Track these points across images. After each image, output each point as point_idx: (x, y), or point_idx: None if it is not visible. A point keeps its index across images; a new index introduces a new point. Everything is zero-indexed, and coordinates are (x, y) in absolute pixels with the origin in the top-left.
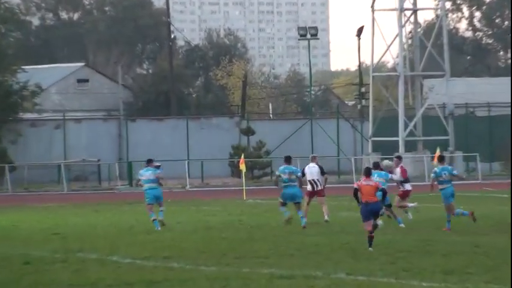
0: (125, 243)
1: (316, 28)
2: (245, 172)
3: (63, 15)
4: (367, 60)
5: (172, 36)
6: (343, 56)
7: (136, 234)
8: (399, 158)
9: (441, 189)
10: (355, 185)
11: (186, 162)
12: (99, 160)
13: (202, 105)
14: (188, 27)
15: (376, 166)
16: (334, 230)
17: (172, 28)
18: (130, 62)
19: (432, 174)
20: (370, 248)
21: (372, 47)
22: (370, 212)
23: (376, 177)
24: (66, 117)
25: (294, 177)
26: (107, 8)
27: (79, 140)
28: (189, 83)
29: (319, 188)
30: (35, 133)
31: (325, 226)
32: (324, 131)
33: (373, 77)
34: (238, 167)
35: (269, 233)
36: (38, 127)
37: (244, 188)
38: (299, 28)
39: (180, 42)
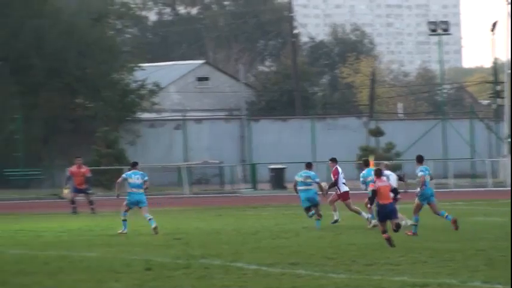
0: (249, 249)
1: (447, 23)
2: None
3: (181, 10)
4: (502, 57)
5: (295, 32)
6: (476, 53)
7: (260, 239)
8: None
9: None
10: (371, 187)
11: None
12: (221, 162)
13: (328, 105)
14: (312, 22)
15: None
16: (467, 236)
17: (295, 23)
18: (252, 59)
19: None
20: (391, 247)
21: (507, 42)
22: (389, 213)
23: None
24: (186, 117)
25: (309, 180)
26: (226, 3)
27: (200, 141)
28: (313, 81)
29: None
30: (154, 134)
31: (458, 233)
32: (456, 131)
33: (508, 74)
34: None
35: (400, 239)
36: (157, 127)
37: None
38: (429, 23)
39: (304, 39)
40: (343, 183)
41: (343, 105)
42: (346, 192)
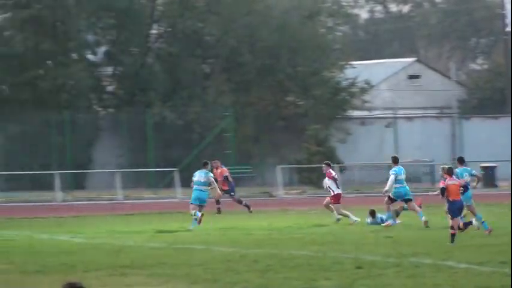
0: (459, 247)
1: None
2: None
3: (393, 8)
4: None
5: (507, 29)
6: None
7: (471, 238)
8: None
9: None
10: (441, 185)
11: None
12: (432, 160)
13: None
14: None
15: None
16: None
17: (507, 21)
18: (463, 57)
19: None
20: (452, 243)
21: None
22: (458, 210)
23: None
24: (397, 115)
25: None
26: (438, 1)
27: (411, 139)
28: None
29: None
30: (365, 132)
31: None
32: None
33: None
34: None
35: None
36: (367, 125)
37: None
38: None
39: None
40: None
41: None
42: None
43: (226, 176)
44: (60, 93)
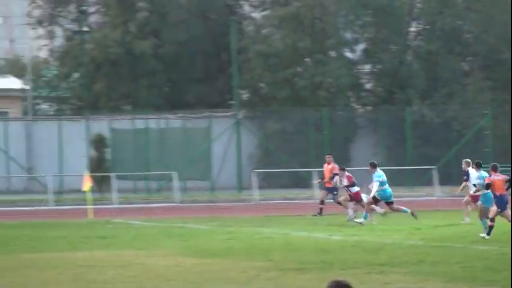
0: None
1: None
2: None
3: None
4: None
5: None
6: None
7: None
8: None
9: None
10: (487, 180)
11: None
12: None
13: None
14: None
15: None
16: None
17: None
18: None
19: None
20: (488, 236)
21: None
22: (504, 204)
23: None
24: None
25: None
26: None
27: None
28: None
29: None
30: None
31: None
32: None
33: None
34: None
35: None
36: None
37: None
38: None
39: None
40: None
41: None
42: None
43: (336, 174)
44: (318, 90)
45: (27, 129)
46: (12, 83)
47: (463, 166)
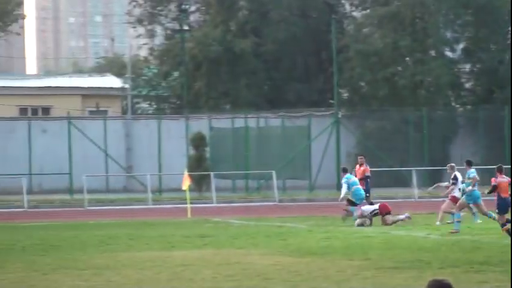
0: None
1: None
2: None
3: None
4: None
5: None
6: None
7: None
8: None
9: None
10: (493, 182)
11: None
12: None
13: None
14: None
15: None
16: None
17: None
18: None
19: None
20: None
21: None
22: (506, 207)
23: None
24: None
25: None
26: None
27: None
28: None
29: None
30: None
31: None
32: None
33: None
34: None
35: None
36: None
37: None
38: None
39: None
40: None
41: None
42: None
43: (368, 176)
44: (418, 90)
45: (126, 128)
46: (112, 81)
47: (448, 171)
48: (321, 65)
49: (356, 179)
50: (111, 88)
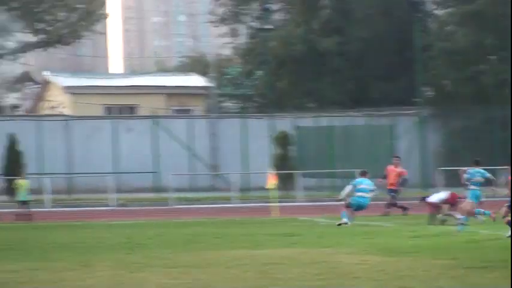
0: None
1: None
2: None
3: None
4: None
5: None
6: None
7: None
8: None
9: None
10: (510, 179)
11: None
12: None
13: None
14: None
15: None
16: None
17: None
18: None
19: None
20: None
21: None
22: None
23: None
24: None
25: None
26: None
27: None
28: None
29: None
30: None
31: None
32: None
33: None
34: None
35: None
36: None
37: None
38: None
39: None
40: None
41: None
42: None
43: (406, 178)
44: (503, 88)
45: (211, 127)
46: (196, 80)
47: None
48: (404, 63)
49: (365, 187)
50: (195, 87)
